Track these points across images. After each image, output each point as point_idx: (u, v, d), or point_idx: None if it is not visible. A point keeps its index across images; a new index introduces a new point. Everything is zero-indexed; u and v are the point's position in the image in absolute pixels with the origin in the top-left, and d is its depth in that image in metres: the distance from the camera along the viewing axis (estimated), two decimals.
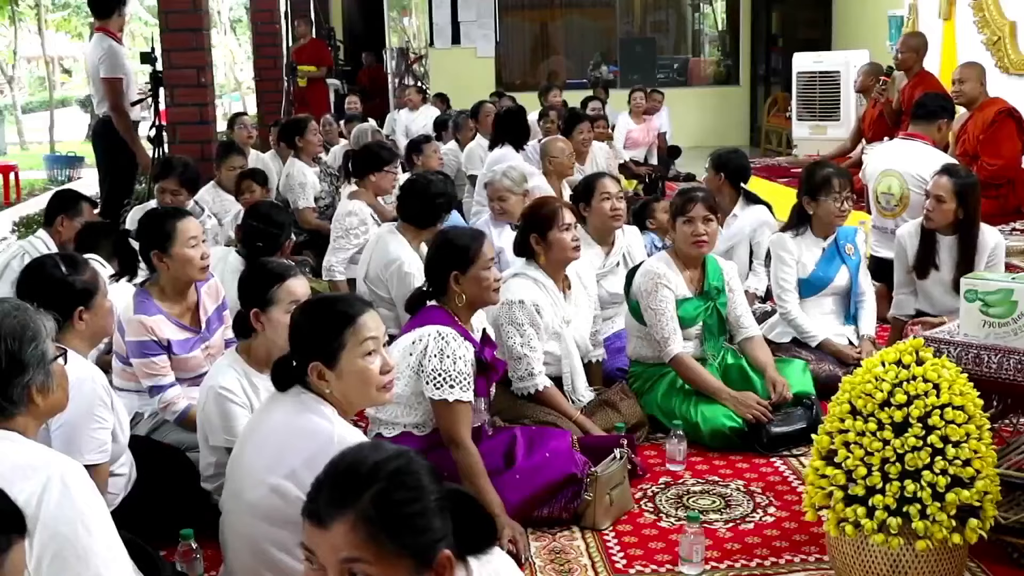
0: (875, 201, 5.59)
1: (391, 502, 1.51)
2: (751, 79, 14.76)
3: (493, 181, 5.44)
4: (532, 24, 15.04)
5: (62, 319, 2.95)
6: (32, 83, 27.29)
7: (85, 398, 2.81)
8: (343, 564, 1.49)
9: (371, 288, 4.77)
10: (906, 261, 4.60)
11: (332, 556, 1.50)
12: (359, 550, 1.49)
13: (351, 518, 1.50)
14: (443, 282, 3.37)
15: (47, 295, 2.88)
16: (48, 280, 3.03)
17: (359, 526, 1.49)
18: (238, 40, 26.09)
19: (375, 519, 1.49)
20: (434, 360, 3.18)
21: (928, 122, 5.53)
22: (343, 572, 1.50)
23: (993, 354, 3.01)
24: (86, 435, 2.82)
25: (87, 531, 2.02)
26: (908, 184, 5.37)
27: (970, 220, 4.37)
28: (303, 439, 2.48)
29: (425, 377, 3.19)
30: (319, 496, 1.54)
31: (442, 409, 3.20)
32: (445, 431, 3.20)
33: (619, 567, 3.06)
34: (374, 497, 1.50)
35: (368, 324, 2.54)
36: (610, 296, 4.61)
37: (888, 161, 5.59)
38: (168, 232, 3.61)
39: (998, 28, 8.06)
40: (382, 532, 1.49)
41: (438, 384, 3.17)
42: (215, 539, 2.80)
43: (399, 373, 3.12)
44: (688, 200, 4.07)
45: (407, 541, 1.51)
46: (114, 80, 6.66)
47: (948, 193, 4.33)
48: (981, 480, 2.60)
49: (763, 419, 3.87)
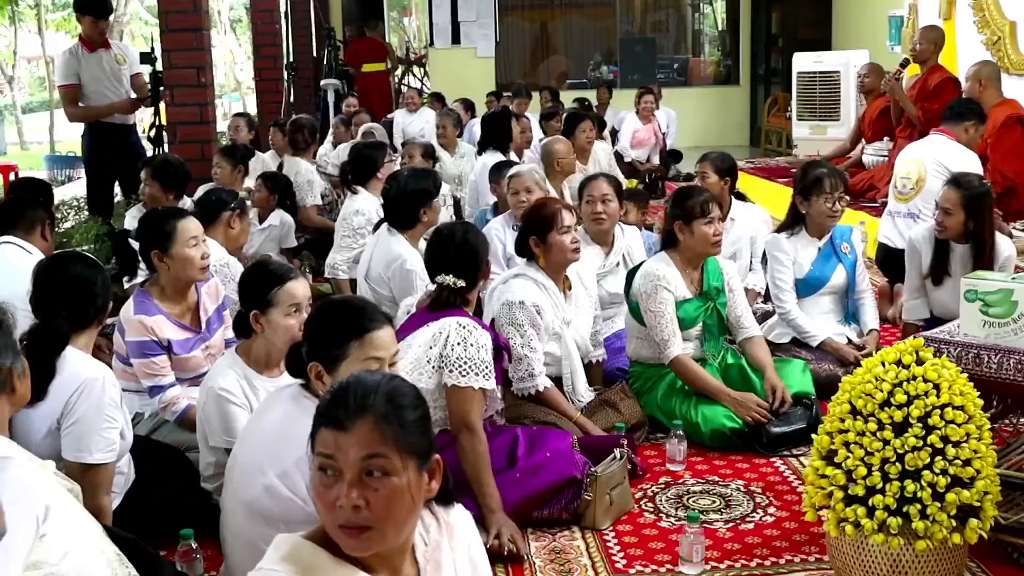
0: (893, 187, 5.67)
1: (402, 406, 1.72)
2: (751, 79, 14.75)
3: (521, 173, 5.27)
4: (532, 24, 15.04)
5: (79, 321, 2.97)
6: (32, 83, 27.30)
7: (96, 397, 2.83)
8: (364, 461, 1.67)
9: (372, 287, 4.77)
10: (919, 267, 4.55)
11: (354, 455, 1.67)
12: (380, 446, 1.68)
13: (372, 417, 1.68)
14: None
15: (69, 295, 2.93)
16: (72, 281, 3.03)
17: (380, 424, 1.68)
18: (238, 40, 26.09)
19: (392, 419, 1.69)
20: (458, 348, 3.19)
21: (956, 122, 5.67)
22: (362, 471, 1.67)
23: (993, 354, 3.01)
24: (96, 434, 2.83)
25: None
26: (927, 168, 5.45)
27: (981, 230, 4.30)
28: (296, 441, 2.46)
29: (449, 366, 3.19)
30: (335, 406, 1.71)
31: (459, 395, 3.19)
32: (459, 417, 3.19)
33: (619, 567, 3.06)
34: (388, 402, 1.71)
35: (377, 342, 2.52)
36: (610, 296, 4.61)
37: (914, 152, 5.71)
38: (168, 232, 3.61)
39: (998, 28, 8.06)
40: (399, 430, 1.69)
41: (463, 372, 3.18)
42: (215, 539, 2.81)
43: (420, 368, 3.16)
44: (707, 201, 4.06)
45: (414, 440, 1.71)
46: (61, 88, 7.02)
47: (955, 205, 4.28)
48: (981, 480, 2.60)
49: (762, 420, 3.87)
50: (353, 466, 1.66)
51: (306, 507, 2.47)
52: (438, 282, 3.39)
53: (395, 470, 1.68)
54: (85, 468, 2.81)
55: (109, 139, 6.93)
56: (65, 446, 2.83)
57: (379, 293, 4.71)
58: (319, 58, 13.09)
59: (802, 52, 10.95)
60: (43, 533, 2.02)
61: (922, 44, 7.61)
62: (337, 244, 5.56)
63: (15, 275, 3.65)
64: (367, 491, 1.66)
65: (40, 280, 3.06)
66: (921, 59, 7.62)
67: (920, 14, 9.24)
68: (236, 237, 4.68)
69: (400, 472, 1.68)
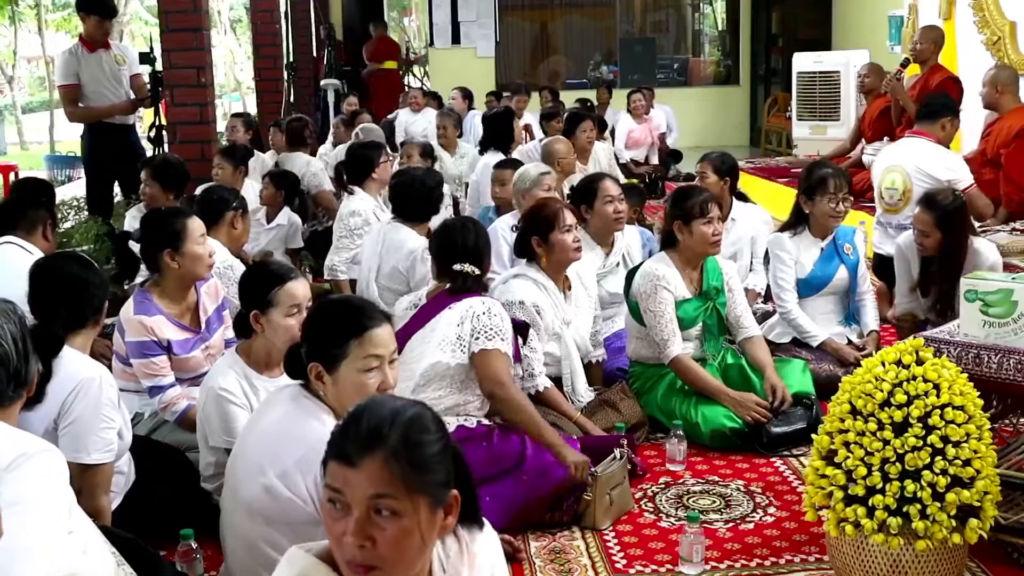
0: (879, 198, 5.62)
1: (415, 442, 1.63)
2: (751, 79, 14.75)
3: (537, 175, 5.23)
4: (532, 24, 15.04)
5: (75, 322, 2.98)
6: (32, 83, 27.29)
7: (93, 397, 2.82)
8: (372, 500, 1.60)
9: (384, 284, 4.79)
10: (908, 273, 4.55)
11: (362, 493, 1.60)
12: (389, 486, 1.60)
13: (382, 456, 1.60)
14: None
15: (66, 295, 2.94)
16: (68, 281, 3.03)
17: (389, 463, 1.60)
18: (238, 40, 26.08)
19: (403, 457, 1.61)
20: (483, 318, 3.37)
21: (931, 121, 5.61)
22: (370, 509, 1.60)
23: (993, 354, 3.01)
24: (93, 435, 2.83)
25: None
26: (912, 178, 5.41)
27: (953, 246, 4.25)
28: (296, 440, 2.49)
29: (476, 333, 3.35)
30: (346, 439, 1.63)
31: (488, 357, 3.34)
32: (492, 377, 3.33)
33: (619, 567, 3.06)
34: (401, 437, 1.62)
35: (377, 340, 2.51)
36: (610, 296, 4.61)
37: (893, 158, 5.64)
38: (178, 231, 3.62)
39: (998, 28, 8.06)
40: (409, 469, 1.61)
41: (489, 336, 3.34)
42: (215, 539, 2.81)
43: (451, 345, 3.34)
44: (706, 201, 4.06)
45: (427, 479, 1.63)
46: (61, 88, 7.03)
47: (929, 226, 4.26)
48: (981, 480, 2.60)
49: (762, 421, 3.87)
50: (361, 503, 1.60)
51: (306, 507, 2.47)
52: (456, 270, 3.53)
53: (404, 510, 1.60)
54: (83, 468, 2.80)
55: (109, 139, 6.94)
56: (62, 447, 2.81)
57: (391, 289, 4.73)
58: (319, 58, 13.11)
59: (802, 52, 10.95)
60: (70, 529, 2.03)
61: (922, 44, 7.60)
62: (335, 245, 5.56)
63: (15, 275, 3.65)
64: (375, 529, 1.60)
65: (36, 281, 3.06)
66: (921, 59, 7.62)
67: (920, 14, 9.23)
68: (238, 237, 4.68)
69: (410, 513, 1.61)
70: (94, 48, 6.86)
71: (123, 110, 7.00)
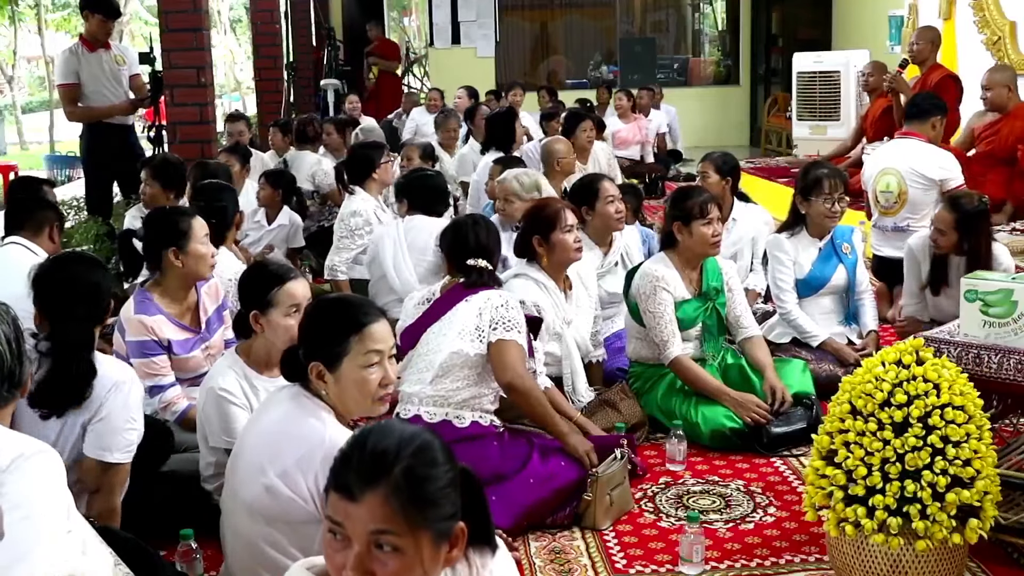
0: (874, 201, 5.60)
1: (419, 477, 1.57)
2: (751, 79, 14.75)
3: (504, 180, 5.31)
4: (532, 24, 15.04)
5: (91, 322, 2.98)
6: (32, 83, 27.31)
7: (124, 398, 2.86)
8: (372, 536, 1.55)
9: (402, 277, 4.83)
10: (918, 274, 4.55)
11: (362, 528, 1.55)
12: (390, 522, 1.54)
13: (383, 491, 1.55)
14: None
15: (81, 296, 2.95)
16: (83, 283, 3.03)
17: (391, 499, 1.54)
18: (238, 40, 26.09)
19: (405, 493, 1.55)
20: (500, 309, 3.41)
21: (921, 120, 5.60)
22: (371, 543, 1.55)
23: (993, 354, 3.01)
24: (119, 434, 2.85)
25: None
26: (906, 180, 5.40)
27: (977, 247, 4.26)
28: (296, 440, 2.49)
29: (494, 324, 3.38)
30: (348, 471, 1.58)
31: (504, 348, 3.36)
32: (508, 368, 3.35)
33: (619, 567, 3.06)
34: (404, 472, 1.56)
35: (375, 335, 2.52)
36: (609, 296, 4.61)
37: (885, 160, 5.62)
38: (184, 230, 3.63)
39: (998, 28, 8.07)
40: (411, 505, 1.55)
41: (508, 328, 3.38)
42: (215, 539, 2.81)
43: (469, 335, 3.38)
44: (706, 202, 4.06)
45: (431, 514, 1.57)
46: (61, 87, 7.05)
47: (948, 226, 4.28)
48: (981, 480, 2.60)
49: (762, 421, 3.87)
50: (361, 538, 1.55)
51: (307, 506, 2.47)
52: (471, 265, 3.57)
53: (406, 546, 1.55)
54: (105, 467, 2.84)
55: (108, 139, 6.94)
56: (88, 442, 2.85)
57: (408, 281, 4.75)
58: (319, 58, 13.10)
59: (802, 52, 10.96)
60: (69, 529, 2.03)
61: (919, 44, 7.61)
62: (335, 245, 5.55)
63: (19, 276, 3.65)
64: (375, 564, 1.55)
65: (48, 282, 3.04)
66: (919, 59, 7.63)
67: (920, 14, 9.25)
68: (234, 238, 4.70)
69: (411, 548, 1.55)
70: (94, 48, 6.87)
71: (123, 110, 7.00)
